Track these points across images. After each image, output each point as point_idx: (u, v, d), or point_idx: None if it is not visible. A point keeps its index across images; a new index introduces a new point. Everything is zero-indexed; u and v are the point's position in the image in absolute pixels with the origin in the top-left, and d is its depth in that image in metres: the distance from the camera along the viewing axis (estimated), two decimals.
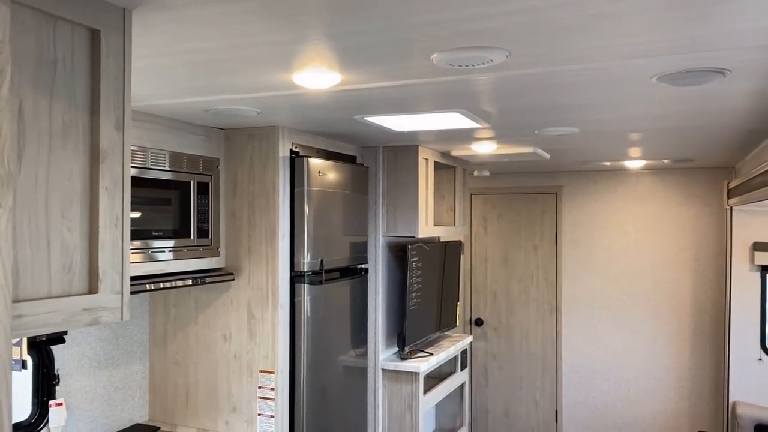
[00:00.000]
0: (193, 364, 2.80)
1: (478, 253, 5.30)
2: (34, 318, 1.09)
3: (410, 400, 3.36)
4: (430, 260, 3.69)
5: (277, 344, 2.64)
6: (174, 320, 2.84)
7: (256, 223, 2.67)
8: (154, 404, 2.87)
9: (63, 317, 1.15)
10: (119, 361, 2.73)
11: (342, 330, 3.06)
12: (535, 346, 5.10)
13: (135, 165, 2.26)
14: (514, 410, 5.16)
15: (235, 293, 2.71)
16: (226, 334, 2.73)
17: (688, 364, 4.66)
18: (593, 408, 4.92)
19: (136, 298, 2.81)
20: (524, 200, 5.16)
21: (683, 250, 4.69)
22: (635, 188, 4.82)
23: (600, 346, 4.90)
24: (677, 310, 4.69)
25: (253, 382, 2.68)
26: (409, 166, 3.33)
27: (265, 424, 2.66)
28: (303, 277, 2.73)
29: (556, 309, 5.04)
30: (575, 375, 4.97)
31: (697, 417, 4.65)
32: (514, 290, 5.18)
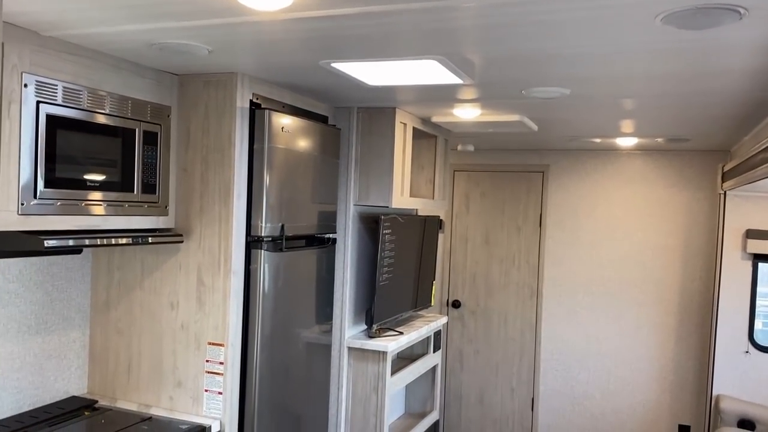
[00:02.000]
0: (137, 334, 2.55)
1: (459, 233, 5.07)
2: None
3: (376, 380, 3.13)
4: (405, 234, 3.45)
5: (229, 315, 2.39)
6: (118, 285, 2.58)
7: (210, 181, 2.42)
8: (94, 376, 2.62)
9: None
10: (54, 327, 2.47)
11: (304, 303, 2.82)
12: (514, 331, 4.90)
13: (67, 105, 1.99)
14: (488, 397, 4.97)
15: (185, 257, 2.46)
16: (173, 301, 2.48)
17: (672, 355, 4.48)
18: (571, 397, 4.73)
19: (76, 259, 2.55)
20: (509, 179, 4.93)
21: (672, 236, 4.48)
22: (625, 170, 4.60)
23: (581, 333, 4.70)
24: (663, 299, 4.50)
25: (201, 356, 2.44)
26: (385, 131, 3.07)
27: (212, 401, 2.42)
28: (260, 242, 2.48)
29: (537, 293, 4.83)
30: (554, 362, 4.78)
31: (678, 410, 4.47)
32: (495, 272, 4.96)
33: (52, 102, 1.93)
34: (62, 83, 1.97)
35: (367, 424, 3.14)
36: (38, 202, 1.91)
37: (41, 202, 1.92)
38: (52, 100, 1.93)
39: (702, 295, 4.40)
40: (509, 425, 4.89)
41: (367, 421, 3.13)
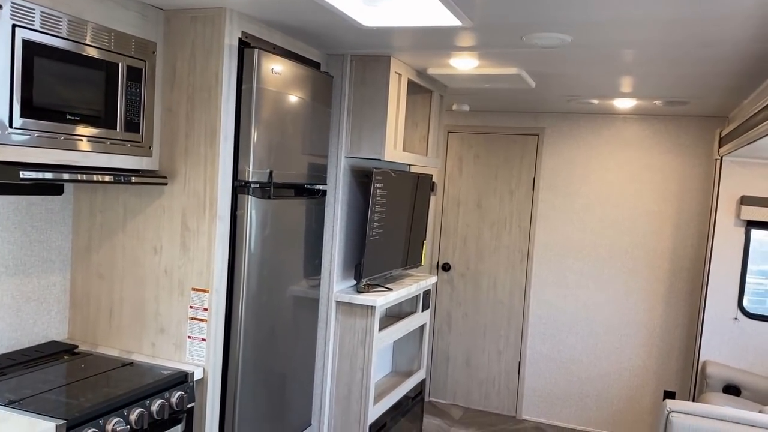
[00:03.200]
0: (119, 279, 2.48)
1: (451, 195, 5.01)
2: None
3: (364, 335, 3.10)
4: (398, 190, 3.39)
5: (214, 260, 2.33)
6: (100, 227, 2.51)
7: (196, 121, 2.33)
8: (75, 321, 2.56)
9: None
10: (33, 270, 2.40)
11: (292, 254, 2.76)
12: (503, 295, 4.88)
13: (45, 31, 1.89)
14: (475, 359, 4.97)
15: (168, 200, 2.38)
16: (156, 246, 2.42)
17: (660, 322, 4.48)
18: (558, 361, 4.73)
19: (57, 200, 2.46)
20: (504, 141, 4.86)
21: (666, 202, 4.45)
22: (621, 134, 4.54)
23: (570, 298, 4.69)
24: (654, 265, 4.48)
25: (184, 302, 2.38)
26: (379, 80, 2.98)
27: (195, 348, 2.37)
28: (247, 188, 2.40)
29: (527, 257, 4.80)
30: (542, 326, 4.77)
31: (664, 376, 4.49)
32: (486, 236, 4.92)
33: (29, 27, 1.84)
34: (40, 8, 1.87)
35: (353, 378, 3.11)
36: (14, 132, 1.82)
37: (17, 132, 1.83)
38: (29, 25, 1.84)
39: (692, 262, 4.38)
40: (495, 387, 4.91)
41: (354, 375, 3.11)
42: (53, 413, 1.81)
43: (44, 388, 2.00)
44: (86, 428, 1.83)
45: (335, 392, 3.14)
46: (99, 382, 2.09)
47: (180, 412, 2.22)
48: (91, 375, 2.16)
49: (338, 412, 3.13)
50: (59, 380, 2.08)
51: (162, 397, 2.13)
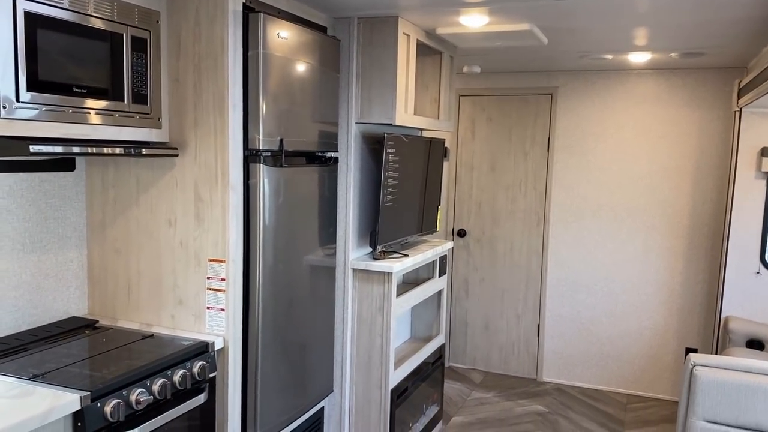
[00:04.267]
0: (135, 253, 2.49)
1: (464, 161, 4.96)
2: None
3: (382, 301, 3.09)
4: (410, 155, 3.35)
5: (228, 230, 2.32)
6: (113, 202, 2.50)
7: (203, 91, 2.30)
8: (93, 296, 2.58)
9: None
10: (50, 246, 2.40)
11: (307, 223, 2.74)
12: (520, 259, 4.85)
13: (47, 3, 1.86)
14: (494, 323, 4.96)
15: (180, 172, 2.37)
16: (170, 218, 2.41)
17: (680, 279, 4.43)
18: (577, 322, 4.72)
19: (69, 176, 2.46)
20: (516, 102, 4.78)
21: (684, 158, 4.37)
22: (636, 90, 4.45)
23: (588, 258, 4.65)
24: (673, 222, 4.42)
25: (202, 273, 2.38)
26: (388, 42, 2.92)
27: (215, 319, 2.37)
28: (258, 156, 2.38)
29: (543, 220, 4.76)
30: (560, 288, 4.75)
31: (686, 333, 4.46)
32: (501, 200, 4.88)
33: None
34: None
35: (373, 344, 3.11)
36: (21, 106, 1.80)
37: (24, 106, 1.81)
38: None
39: (712, 218, 4.32)
40: (515, 351, 4.91)
41: (373, 342, 3.11)
42: (77, 385, 1.82)
43: (67, 362, 2.01)
44: (110, 399, 1.84)
45: (355, 359, 3.15)
46: (121, 355, 2.10)
47: (202, 382, 2.23)
48: (112, 348, 2.18)
49: (359, 379, 3.15)
50: (81, 354, 2.10)
51: (184, 368, 2.14)
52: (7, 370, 1.92)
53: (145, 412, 1.98)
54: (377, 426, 3.13)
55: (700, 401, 2.27)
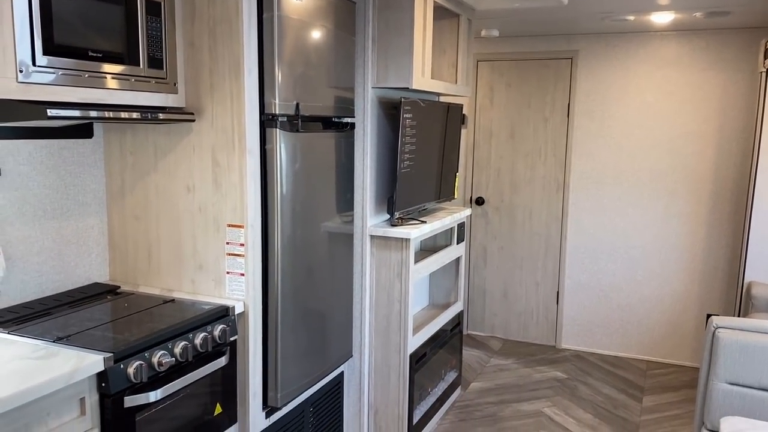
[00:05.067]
0: (155, 219, 2.50)
1: (483, 127, 4.90)
2: None
3: (400, 268, 3.09)
4: (427, 120, 3.31)
5: (246, 195, 2.32)
6: (132, 169, 2.51)
7: (219, 56, 2.28)
8: (114, 263, 2.61)
9: None
10: (70, 213, 2.43)
11: (324, 189, 2.73)
12: (539, 226, 4.82)
13: None
14: (513, 291, 4.96)
15: (197, 138, 2.36)
16: (189, 184, 2.41)
17: (703, 245, 4.38)
18: (597, 289, 4.69)
19: (87, 143, 2.47)
20: (536, 67, 4.70)
21: (707, 121, 4.28)
22: (659, 53, 4.34)
23: (608, 225, 4.61)
24: (695, 187, 4.35)
25: (221, 238, 2.39)
26: (404, 4, 2.87)
27: (235, 283, 2.39)
28: (275, 121, 2.37)
29: (563, 186, 4.71)
30: (580, 255, 4.71)
31: (707, 300, 4.42)
32: (520, 167, 4.83)
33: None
34: None
35: (391, 309, 3.12)
36: (38, 70, 1.80)
37: (41, 70, 1.81)
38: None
39: (736, 182, 4.24)
40: (534, 318, 4.91)
41: (392, 307, 3.12)
42: (101, 347, 1.85)
43: (90, 326, 2.04)
44: (132, 361, 1.87)
45: (374, 324, 3.17)
46: (143, 319, 2.13)
47: (223, 345, 2.26)
48: (134, 312, 2.20)
49: (378, 344, 3.17)
50: (104, 318, 2.13)
51: (205, 331, 2.17)
52: (33, 333, 1.95)
53: (168, 374, 2.01)
54: (396, 390, 3.16)
55: (722, 363, 2.25)
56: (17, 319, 2.08)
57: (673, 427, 3.56)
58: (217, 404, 2.26)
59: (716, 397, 2.26)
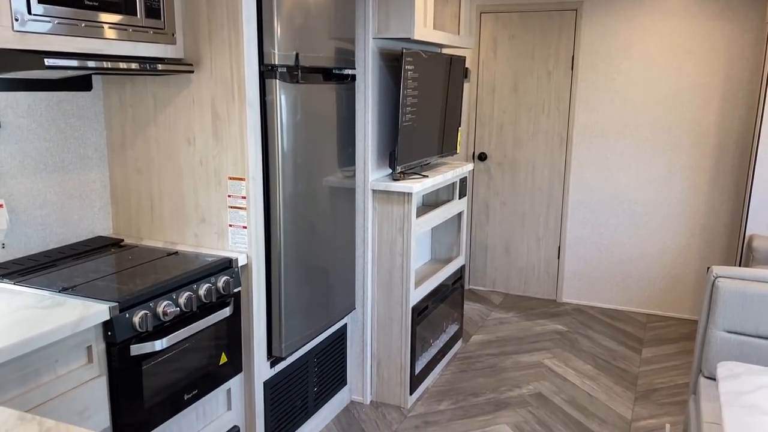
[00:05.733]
0: (156, 172, 2.50)
1: (486, 82, 4.85)
2: None
3: (402, 222, 3.10)
4: (429, 73, 3.27)
5: (247, 148, 2.31)
6: (132, 122, 2.50)
7: (216, 4, 2.24)
8: (117, 216, 2.62)
9: None
10: (72, 166, 2.43)
11: (325, 142, 2.72)
12: (541, 181, 4.81)
13: None
14: (514, 247, 4.98)
15: (197, 89, 2.34)
16: (189, 137, 2.40)
17: (705, 199, 4.37)
18: (599, 244, 4.71)
19: (87, 96, 2.45)
20: (540, 19, 4.61)
21: (713, 73, 4.22)
22: (665, 3, 4.26)
23: (611, 180, 4.59)
24: (699, 141, 4.32)
25: (222, 191, 2.39)
26: None
27: (237, 236, 2.40)
28: (274, 71, 2.34)
29: (566, 141, 4.68)
30: (582, 210, 4.72)
31: (708, 253, 4.44)
32: (523, 121, 4.79)
33: None
34: None
35: (394, 263, 3.14)
36: (33, 19, 1.78)
37: (36, 18, 1.78)
38: None
39: (741, 136, 4.21)
40: (535, 273, 4.94)
41: (394, 261, 3.14)
42: (106, 297, 1.87)
43: (95, 277, 2.06)
44: (137, 310, 1.89)
45: (377, 278, 3.19)
46: (147, 270, 2.15)
47: (227, 296, 2.28)
48: (138, 264, 2.22)
49: (381, 297, 3.20)
50: (108, 269, 2.15)
51: (208, 282, 2.19)
52: (38, 284, 1.98)
53: (173, 324, 2.04)
54: (399, 341, 3.20)
55: (721, 312, 2.27)
56: (22, 270, 2.10)
57: (671, 377, 3.62)
58: (222, 354, 2.30)
59: (714, 345, 2.29)
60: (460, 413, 3.20)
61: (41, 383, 1.66)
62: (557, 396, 3.38)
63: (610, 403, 3.32)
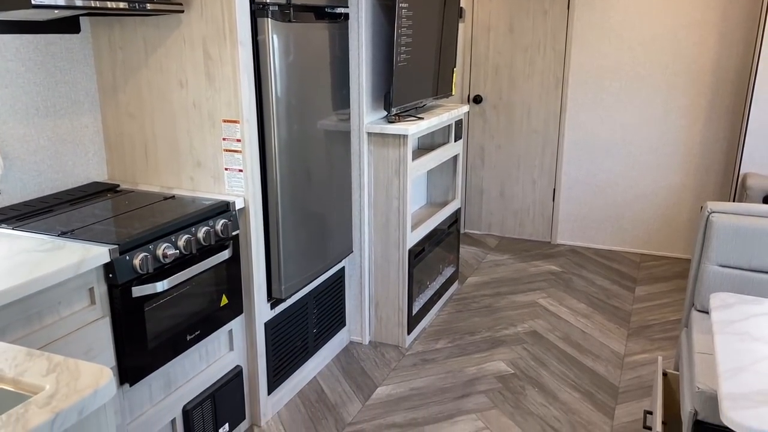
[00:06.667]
0: (149, 116, 2.47)
1: (481, 21, 4.76)
2: None
3: (398, 165, 3.10)
4: (424, 11, 3.21)
5: (240, 89, 2.28)
6: (122, 65, 2.46)
7: None
8: (112, 162, 2.60)
9: None
10: (64, 111, 2.39)
11: (319, 83, 2.69)
12: (537, 123, 4.78)
13: None
14: (509, 190, 4.99)
15: (188, 30, 2.30)
16: (181, 79, 2.37)
17: (700, 138, 4.37)
18: (593, 185, 4.73)
19: (75, 39, 2.40)
20: None
21: (710, 9, 4.15)
22: None
23: (607, 120, 4.57)
24: (696, 80, 4.29)
25: (217, 134, 2.37)
26: None
27: (233, 179, 2.40)
28: (266, 9, 2.29)
29: (562, 82, 4.63)
30: (577, 152, 4.71)
31: (702, 192, 4.46)
32: (518, 62, 4.73)
33: None
34: None
35: (390, 206, 3.15)
36: None
37: None
38: None
39: (737, 73, 4.17)
40: (530, 215, 4.97)
41: (390, 204, 3.15)
42: (105, 240, 1.88)
43: (93, 221, 2.07)
44: (137, 252, 1.91)
45: (373, 221, 3.21)
46: (144, 214, 2.15)
47: (226, 239, 2.30)
48: (135, 208, 2.22)
49: (377, 240, 3.22)
50: (106, 214, 2.15)
51: (207, 225, 2.19)
52: (37, 228, 1.98)
53: (173, 266, 2.06)
54: (396, 283, 3.25)
55: (715, 247, 2.30)
56: (20, 216, 2.10)
57: (664, 314, 3.69)
58: (223, 296, 2.33)
59: (707, 279, 2.33)
60: (457, 351, 3.27)
61: (45, 324, 1.69)
62: (552, 333, 3.46)
63: (603, 339, 3.39)
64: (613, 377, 3.02)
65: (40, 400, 1.03)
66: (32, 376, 1.11)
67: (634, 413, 2.73)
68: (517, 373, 3.06)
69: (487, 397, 2.85)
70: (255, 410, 2.63)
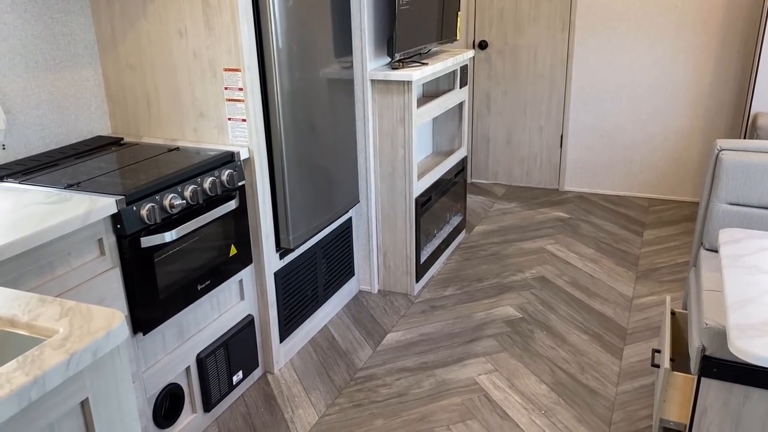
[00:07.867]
0: (150, 68, 2.44)
1: None
2: None
3: (402, 112, 3.06)
4: None
5: (240, 36, 2.24)
6: (120, 16, 2.41)
7: None
8: (115, 115, 2.58)
9: None
10: (64, 64, 2.37)
11: (321, 30, 2.64)
12: (543, 68, 4.70)
13: None
14: (516, 137, 4.94)
15: None
16: (180, 28, 2.33)
17: (710, 79, 4.29)
18: (601, 130, 4.67)
19: None
20: None
21: None
22: None
23: (615, 63, 4.49)
24: (706, 19, 4.18)
25: (218, 83, 2.34)
26: None
27: (237, 129, 2.38)
28: None
29: (569, 25, 4.53)
30: (585, 97, 4.64)
31: (712, 135, 4.40)
32: (524, 5, 4.62)
33: None
34: None
35: (396, 155, 3.13)
36: None
37: None
38: None
39: (749, 11, 4.06)
40: (537, 162, 4.94)
41: (396, 153, 3.13)
42: (112, 191, 1.88)
43: (98, 173, 2.06)
44: (144, 203, 1.91)
45: (379, 170, 3.20)
46: (149, 166, 2.15)
47: (232, 190, 2.29)
48: (140, 160, 2.22)
49: (384, 189, 3.22)
50: (111, 166, 2.15)
51: (212, 175, 2.19)
52: (43, 182, 1.98)
53: (181, 217, 2.06)
54: (403, 232, 3.25)
55: (724, 185, 2.28)
56: (26, 170, 2.10)
57: (672, 257, 3.70)
58: (232, 246, 2.34)
59: (716, 218, 2.32)
60: (465, 297, 3.30)
61: (57, 275, 1.70)
62: (560, 278, 3.47)
63: (611, 282, 3.41)
64: (621, 319, 3.05)
65: (54, 342, 1.05)
66: (46, 320, 1.12)
67: (642, 353, 2.76)
68: (526, 317, 3.09)
69: (496, 341, 2.89)
70: (268, 358, 2.67)
